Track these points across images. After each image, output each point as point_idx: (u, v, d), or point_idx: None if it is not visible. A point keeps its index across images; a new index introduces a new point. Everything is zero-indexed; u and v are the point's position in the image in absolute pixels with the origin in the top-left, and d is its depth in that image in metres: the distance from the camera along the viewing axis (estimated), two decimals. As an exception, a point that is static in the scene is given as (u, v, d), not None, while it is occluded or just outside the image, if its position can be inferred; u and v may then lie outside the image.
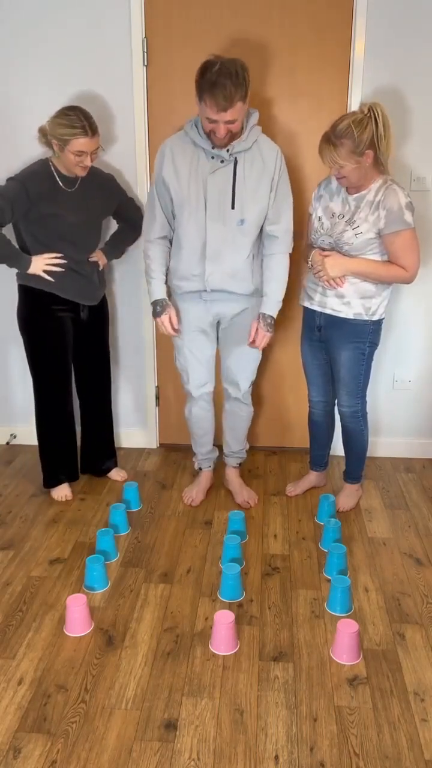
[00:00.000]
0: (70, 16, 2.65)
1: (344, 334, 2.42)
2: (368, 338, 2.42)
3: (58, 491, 2.78)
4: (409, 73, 2.63)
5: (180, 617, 2.07)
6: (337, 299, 2.37)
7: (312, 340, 2.56)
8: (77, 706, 1.73)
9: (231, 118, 2.08)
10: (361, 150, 2.12)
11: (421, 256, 2.84)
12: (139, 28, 2.65)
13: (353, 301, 2.36)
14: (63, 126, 2.26)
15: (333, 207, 2.33)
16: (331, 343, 2.47)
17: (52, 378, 2.64)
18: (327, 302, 2.40)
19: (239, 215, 2.28)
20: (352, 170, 2.17)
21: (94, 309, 2.67)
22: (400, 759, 1.58)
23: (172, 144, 2.30)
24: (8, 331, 3.12)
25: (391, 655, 1.92)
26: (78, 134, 2.26)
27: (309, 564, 2.35)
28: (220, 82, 2.00)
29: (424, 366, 3.05)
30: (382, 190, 2.23)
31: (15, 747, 1.61)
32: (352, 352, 2.44)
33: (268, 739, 1.64)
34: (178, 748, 1.61)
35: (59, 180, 2.41)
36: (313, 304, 2.46)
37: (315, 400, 2.71)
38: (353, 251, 2.28)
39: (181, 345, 2.58)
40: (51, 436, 2.73)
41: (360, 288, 2.34)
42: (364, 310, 2.37)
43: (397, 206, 2.19)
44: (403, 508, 2.73)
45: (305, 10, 2.60)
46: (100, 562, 2.20)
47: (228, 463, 2.84)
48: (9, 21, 2.67)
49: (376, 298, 2.37)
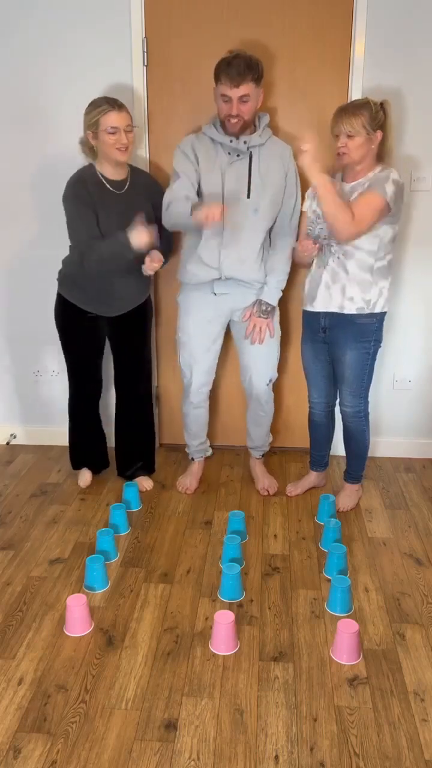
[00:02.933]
0: (70, 17, 2.65)
1: (350, 335, 2.43)
2: (373, 336, 2.44)
3: (79, 476, 2.93)
4: (409, 73, 2.63)
5: (180, 617, 2.07)
6: (341, 295, 2.38)
7: (315, 342, 2.56)
8: (77, 706, 1.73)
9: (244, 93, 2.26)
10: (375, 125, 2.21)
11: (421, 256, 2.86)
12: (139, 28, 2.65)
13: (354, 294, 2.37)
14: (90, 111, 2.31)
15: None
16: (337, 343, 2.48)
17: (79, 376, 2.75)
18: (332, 301, 2.41)
19: (254, 204, 2.41)
20: (359, 145, 2.23)
21: (130, 314, 2.61)
22: (400, 759, 1.58)
23: (190, 140, 2.44)
24: (9, 331, 3.13)
25: (391, 655, 1.92)
26: (105, 110, 2.28)
27: (309, 564, 2.35)
28: (234, 62, 2.25)
29: (424, 366, 3.05)
30: (380, 172, 2.27)
31: (15, 747, 1.61)
32: (358, 352, 2.44)
33: (268, 739, 1.64)
34: (178, 748, 1.61)
35: (106, 183, 2.40)
36: (316, 306, 2.46)
37: (316, 401, 2.71)
38: None
39: (186, 341, 2.63)
40: (74, 428, 2.87)
41: (356, 277, 2.34)
42: (365, 304, 2.38)
43: (384, 176, 2.24)
44: (403, 508, 2.73)
45: (305, 10, 2.60)
46: (100, 562, 2.20)
47: (252, 454, 2.94)
48: (8, 21, 2.67)
49: (374, 289, 2.37)
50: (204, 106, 2.69)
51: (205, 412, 2.83)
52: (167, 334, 3.07)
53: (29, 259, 2.97)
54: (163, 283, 2.99)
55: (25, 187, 2.86)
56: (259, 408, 2.78)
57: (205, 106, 2.68)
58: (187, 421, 2.84)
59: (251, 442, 2.90)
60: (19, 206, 2.91)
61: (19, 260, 3.00)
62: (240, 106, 2.29)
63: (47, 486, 2.90)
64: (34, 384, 3.22)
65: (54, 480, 2.96)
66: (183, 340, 2.65)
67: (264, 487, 2.83)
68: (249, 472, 2.97)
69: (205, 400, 2.79)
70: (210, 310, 2.57)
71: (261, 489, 2.83)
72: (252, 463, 2.95)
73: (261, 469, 2.91)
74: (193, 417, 2.81)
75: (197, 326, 2.59)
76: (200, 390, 2.73)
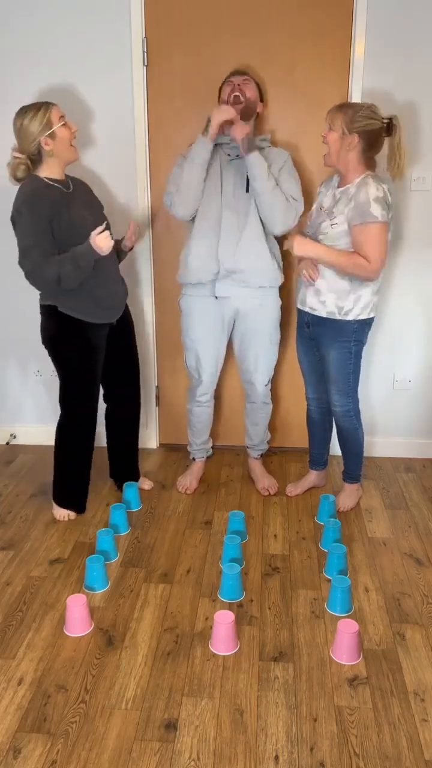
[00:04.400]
0: (70, 16, 2.65)
1: (329, 333, 2.43)
2: (353, 337, 2.42)
3: (61, 511, 2.63)
4: (408, 73, 2.63)
5: (180, 617, 2.07)
6: (314, 297, 2.41)
7: (304, 338, 2.59)
8: (77, 706, 1.73)
9: (244, 79, 2.48)
10: (353, 128, 2.19)
11: (421, 256, 2.86)
12: (139, 28, 2.65)
13: (327, 299, 2.37)
14: (33, 117, 2.18)
15: (324, 201, 2.39)
16: (320, 341, 2.50)
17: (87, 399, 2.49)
18: (307, 300, 2.44)
19: (252, 199, 2.46)
20: (333, 140, 2.25)
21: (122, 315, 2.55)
22: (400, 759, 1.58)
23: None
24: (9, 331, 3.13)
25: (391, 655, 1.92)
26: (47, 106, 2.20)
27: (309, 564, 2.35)
28: (238, 69, 2.56)
29: (423, 366, 3.05)
30: (360, 182, 2.27)
31: (15, 747, 1.61)
32: (338, 351, 2.44)
33: (268, 739, 1.64)
34: (178, 748, 1.61)
35: (57, 185, 2.29)
36: (299, 303, 2.51)
37: (311, 397, 2.73)
38: (327, 241, 2.31)
39: (191, 345, 2.68)
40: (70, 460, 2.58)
41: (333, 286, 2.35)
42: (336, 309, 2.37)
43: (364, 198, 2.21)
44: (403, 508, 2.73)
45: (305, 11, 2.60)
46: (100, 562, 2.20)
47: (250, 454, 2.96)
48: (8, 21, 2.67)
49: (351, 297, 2.34)
50: (204, 106, 2.69)
51: (210, 410, 2.86)
52: (166, 334, 3.07)
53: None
54: (162, 284, 2.99)
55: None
56: (259, 408, 2.81)
57: (206, 106, 2.69)
58: (192, 419, 2.87)
59: (250, 441, 2.92)
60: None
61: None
62: (241, 86, 2.45)
63: (47, 486, 2.89)
64: (34, 384, 3.22)
65: (54, 480, 2.96)
66: (188, 345, 2.69)
67: (264, 487, 2.84)
68: (249, 472, 2.98)
69: (210, 398, 2.84)
70: (212, 313, 2.60)
71: (261, 489, 2.84)
72: (251, 464, 2.96)
73: (260, 470, 2.92)
74: (198, 414, 2.84)
75: (202, 330, 2.63)
76: (207, 390, 2.78)
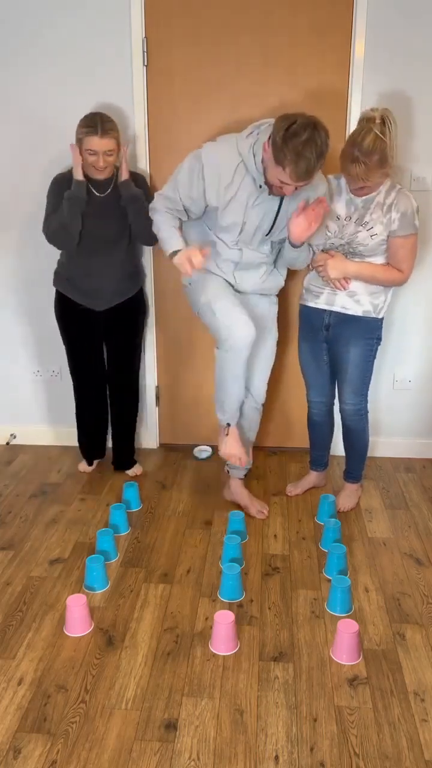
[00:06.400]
0: (70, 16, 2.65)
1: (356, 331, 2.45)
2: (377, 334, 2.48)
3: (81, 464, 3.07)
4: (409, 73, 2.63)
5: (180, 617, 2.07)
6: (348, 297, 2.41)
7: (316, 341, 2.56)
8: (77, 706, 1.73)
9: (304, 185, 2.07)
10: (389, 162, 2.13)
11: (422, 256, 2.86)
12: (139, 28, 2.65)
13: (363, 298, 2.40)
14: (79, 126, 2.42)
15: (337, 209, 2.33)
16: (340, 341, 2.48)
17: (80, 371, 2.85)
18: (336, 300, 2.43)
19: (271, 238, 2.32)
20: (377, 184, 2.23)
21: (120, 307, 2.73)
22: (400, 759, 1.58)
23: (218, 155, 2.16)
24: (9, 331, 3.13)
25: (391, 655, 1.92)
26: (89, 132, 2.38)
27: (309, 564, 2.35)
28: (305, 155, 1.93)
29: (424, 366, 3.05)
30: (393, 193, 2.26)
31: (15, 747, 1.61)
32: (362, 349, 2.47)
33: (268, 739, 1.64)
34: (178, 748, 1.61)
35: (90, 185, 2.50)
36: (319, 303, 2.47)
37: (315, 400, 2.70)
38: (367, 252, 2.32)
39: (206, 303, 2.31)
40: (78, 420, 2.99)
41: (369, 286, 2.39)
42: (372, 308, 2.42)
43: (410, 210, 2.26)
44: (403, 508, 2.73)
45: (305, 10, 2.60)
46: (100, 562, 2.20)
47: (233, 474, 2.69)
48: (8, 21, 2.67)
49: (383, 296, 2.43)
50: (204, 106, 2.69)
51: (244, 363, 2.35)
52: (167, 334, 3.07)
53: (29, 261, 2.97)
54: (161, 284, 2.99)
55: (26, 189, 2.86)
56: (258, 408, 2.73)
57: (206, 106, 2.69)
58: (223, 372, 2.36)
59: None
60: (18, 209, 2.90)
61: (18, 262, 3.00)
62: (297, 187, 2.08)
63: (47, 486, 2.90)
64: (34, 384, 3.22)
65: (54, 480, 2.96)
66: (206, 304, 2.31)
67: (259, 510, 2.64)
68: (233, 497, 2.72)
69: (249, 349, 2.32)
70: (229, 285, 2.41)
71: (257, 514, 2.63)
72: (235, 487, 2.68)
73: (247, 493, 2.69)
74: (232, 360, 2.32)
75: (221, 287, 2.34)
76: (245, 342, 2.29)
